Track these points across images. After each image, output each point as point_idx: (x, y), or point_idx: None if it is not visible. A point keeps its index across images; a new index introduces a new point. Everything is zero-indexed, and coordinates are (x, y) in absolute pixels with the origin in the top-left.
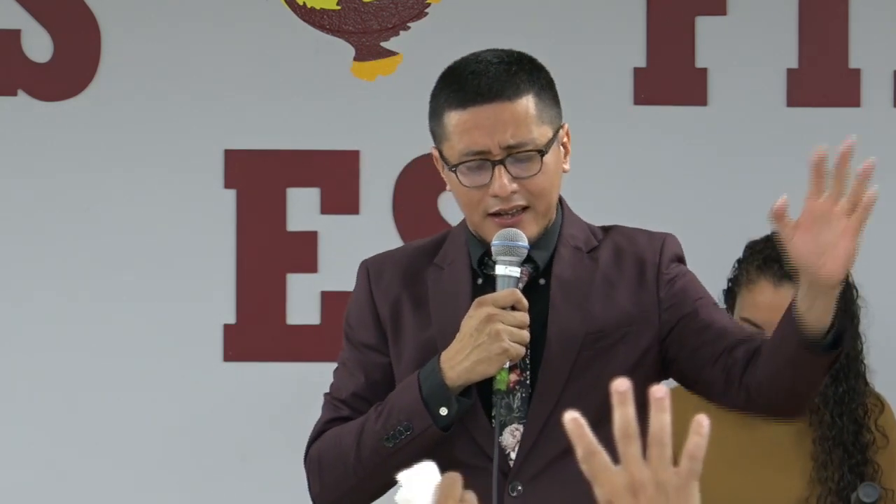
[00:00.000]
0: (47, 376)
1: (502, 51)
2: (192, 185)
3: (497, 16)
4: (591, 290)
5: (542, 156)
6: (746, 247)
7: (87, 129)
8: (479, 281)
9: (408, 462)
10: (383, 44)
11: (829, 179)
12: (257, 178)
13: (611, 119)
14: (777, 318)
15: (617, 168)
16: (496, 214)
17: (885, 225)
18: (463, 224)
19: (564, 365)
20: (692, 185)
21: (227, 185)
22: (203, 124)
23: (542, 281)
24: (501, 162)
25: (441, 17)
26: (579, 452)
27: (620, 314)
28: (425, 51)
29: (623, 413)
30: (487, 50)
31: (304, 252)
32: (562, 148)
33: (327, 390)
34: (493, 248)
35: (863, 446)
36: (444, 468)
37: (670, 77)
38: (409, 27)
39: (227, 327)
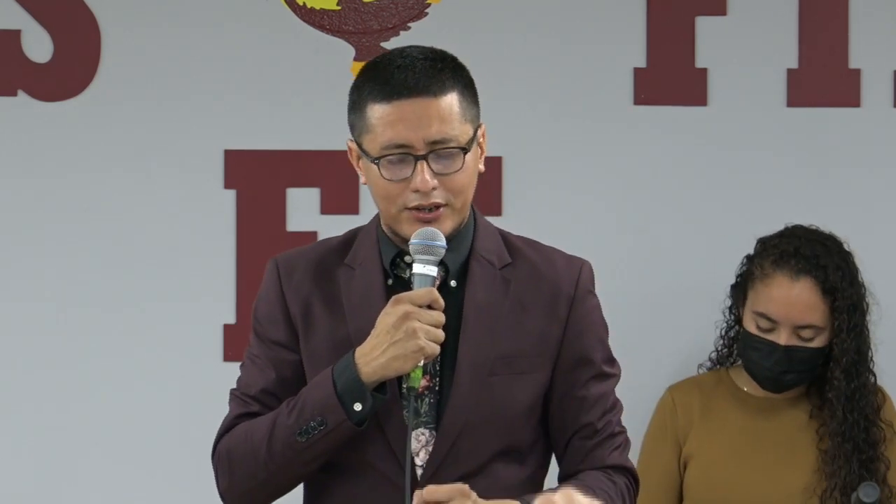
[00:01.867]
0: (47, 376)
1: (425, 48)
2: (192, 185)
3: (497, 16)
4: (501, 314)
5: (465, 153)
6: (759, 241)
7: (87, 129)
8: (390, 281)
9: (320, 457)
10: (383, 44)
11: None
12: (257, 178)
13: (611, 119)
14: (792, 313)
15: (617, 168)
16: (415, 209)
17: (884, 223)
18: (373, 223)
19: (475, 385)
20: (692, 185)
21: (227, 185)
22: (203, 124)
23: (453, 283)
24: (424, 157)
25: (441, 17)
26: None
27: (530, 342)
28: None
29: None
30: (410, 46)
31: None
32: (479, 148)
33: (234, 385)
34: (411, 247)
35: (873, 442)
36: (346, 470)
37: (670, 77)
38: (409, 27)
39: (227, 327)
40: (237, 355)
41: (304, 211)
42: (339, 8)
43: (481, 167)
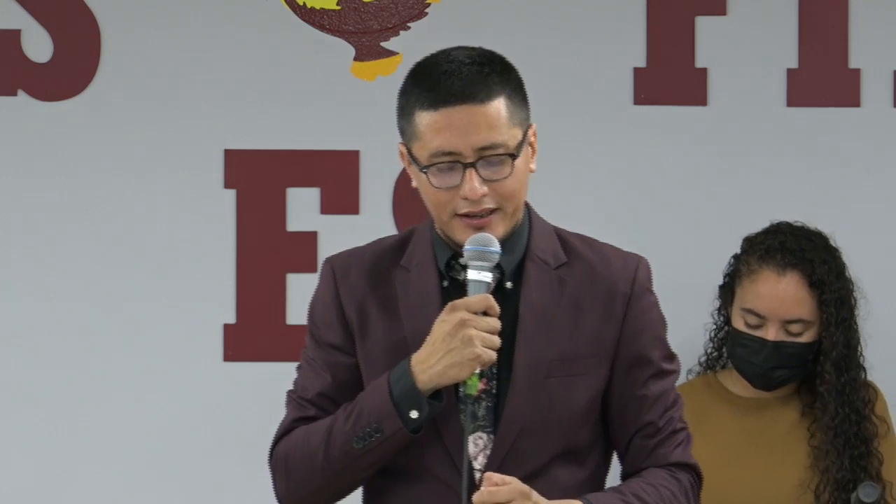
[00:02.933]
0: (47, 376)
1: (473, 50)
2: (192, 185)
3: (497, 16)
4: (558, 315)
5: (514, 159)
6: (745, 240)
7: (87, 129)
8: (446, 283)
9: (376, 463)
10: (383, 44)
11: None
12: (257, 178)
13: (611, 119)
14: (779, 307)
15: (617, 168)
16: (465, 215)
17: (884, 223)
18: (428, 224)
19: (532, 388)
20: (692, 185)
21: (227, 185)
22: (203, 124)
23: (508, 285)
24: (473, 164)
25: (441, 17)
26: None
27: (586, 343)
28: (425, 51)
29: None
30: (458, 48)
31: (304, 252)
32: (529, 148)
33: (290, 387)
34: (465, 253)
35: (865, 438)
36: (405, 474)
37: (670, 77)
38: (409, 27)
39: (227, 327)
40: (237, 355)
41: (304, 211)
42: (339, 8)
43: (533, 167)
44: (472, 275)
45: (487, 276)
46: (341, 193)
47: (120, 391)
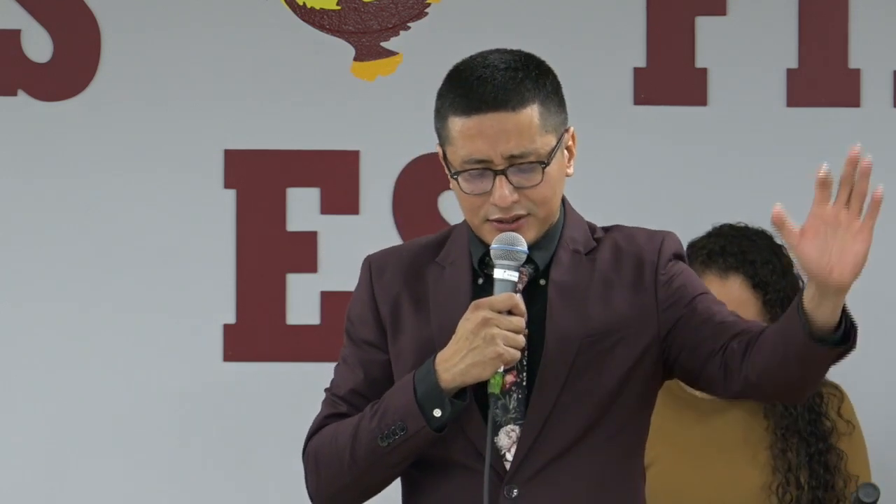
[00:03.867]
0: (47, 376)
1: (510, 53)
2: (192, 185)
3: (497, 16)
4: (588, 293)
5: (544, 167)
6: (688, 246)
7: (87, 129)
8: (480, 281)
9: (402, 462)
10: (383, 44)
11: (835, 188)
12: (257, 178)
13: (611, 119)
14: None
15: (617, 168)
16: (496, 221)
17: (883, 222)
18: (466, 222)
19: (562, 368)
20: (692, 185)
21: (227, 185)
22: (203, 124)
23: (542, 282)
24: (503, 172)
25: (441, 17)
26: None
27: (618, 316)
28: (425, 51)
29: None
30: (495, 51)
31: (304, 252)
32: (566, 152)
33: (328, 385)
34: (491, 252)
35: (823, 434)
36: (441, 468)
37: (670, 77)
38: (409, 27)
39: (227, 327)
40: (237, 355)
41: (304, 211)
42: (339, 8)
43: (570, 171)
44: (497, 273)
45: (513, 275)
46: (341, 193)
47: (120, 391)
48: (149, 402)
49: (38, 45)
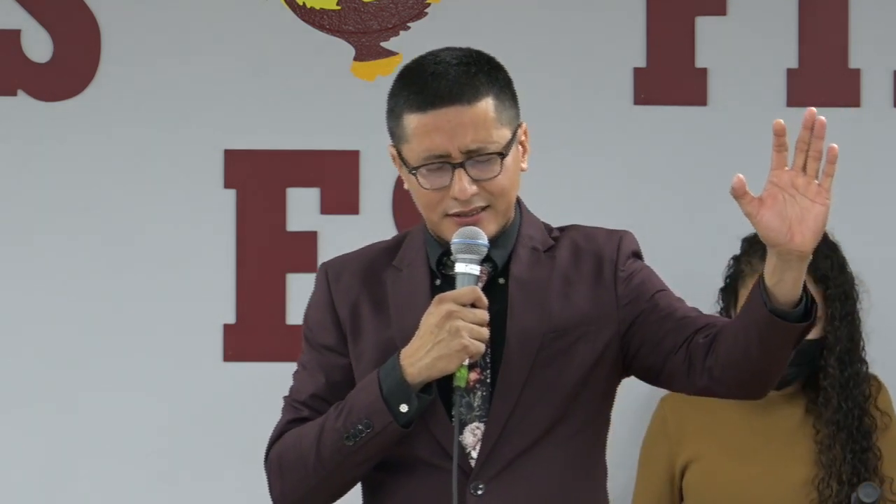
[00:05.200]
0: (47, 376)
1: (460, 50)
2: (192, 185)
3: (497, 16)
4: (549, 289)
5: (502, 158)
6: (743, 241)
7: (87, 129)
8: (438, 282)
9: (369, 460)
10: (383, 44)
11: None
12: (257, 178)
13: (611, 119)
14: None
15: (617, 168)
16: (456, 215)
17: (884, 222)
18: (422, 225)
19: (524, 364)
20: (692, 185)
21: (227, 185)
22: (203, 124)
23: (501, 280)
24: (462, 165)
25: (441, 17)
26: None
27: (579, 313)
28: (425, 51)
29: None
30: (445, 49)
31: (304, 252)
32: (520, 147)
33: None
34: (452, 246)
35: (866, 432)
36: (405, 467)
37: (670, 77)
38: (409, 27)
39: (227, 327)
40: (237, 355)
41: (304, 211)
42: (339, 8)
43: (524, 165)
44: (459, 267)
45: (475, 269)
46: (341, 193)
47: (120, 391)
48: (149, 402)
49: (38, 45)
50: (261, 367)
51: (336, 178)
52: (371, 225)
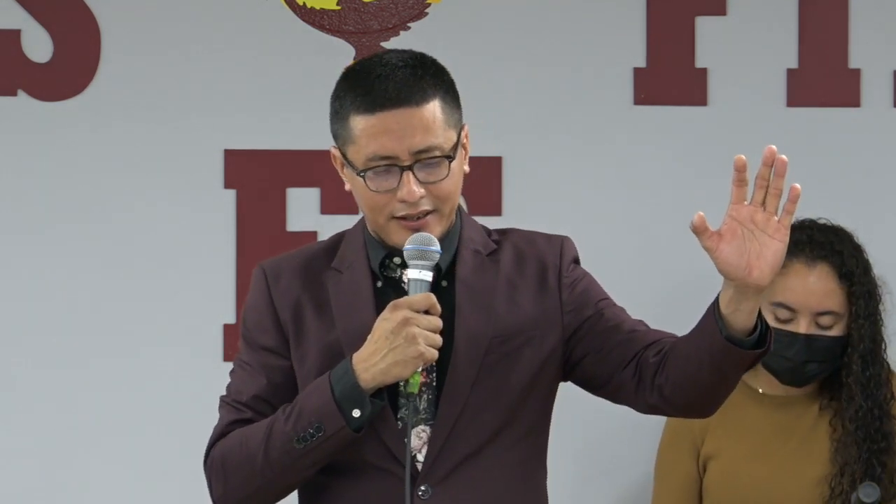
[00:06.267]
0: (47, 376)
1: (405, 52)
2: (192, 185)
3: (497, 16)
4: (494, 293)
5: (450, 161)
6: None
7: (87, 129)
8: (380, 283)
9: (317, 463)
10: (383, 44)
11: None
12: (257, 178)
13: (611, 119)
14: (810, 299)
15: (617, 168)
16: (402, 218)
17: (884, 222)
18: (359, 226)
19: (471, 368)
20: (692, 185)
21: (227, 185)
22: (203, 124)
23: (444, 283)
24: (410, 168)
25: (441, 17)
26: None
27: (524, 317)
28: (425, 51)
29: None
30: (389, 51)
31: None
32: (463, 150)
33: (223, 393)
34: (405, 253)
35: (886, 434)
36: (350, 470)
37: (670, 77)
38: (409, 27)
39: (227, 327)
40: None
41: (304, 211)
42: (339, 8)
43: (466, 168)
44: (412, 274)
45: (428, 276)
46: (341, 193)
47: (120, 391)
48: (149, 402)
49: (38, 45)
50: None
51: (336, 178)
52: None
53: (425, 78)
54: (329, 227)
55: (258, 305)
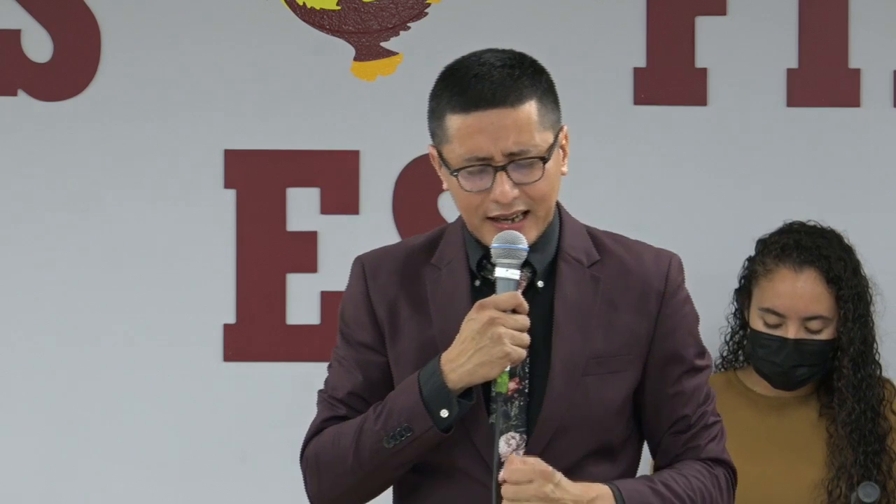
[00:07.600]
0: (47, 376)
1: (504, 52)
2: (192, 185)
3: (497, 16)
4: (592, 313)
5: (545, 162)
6: (758, 242)
7: (87, 129)
8: (477, 283)
9: (407, 463)
10: (383, 44)
11: None
12: (257, 178)
13: (611, 119)
14: (798, 304)
15: (617, 168)
16: (496, 219)
17: (884, 222)
18: (459, 223)
19: (569, 387)
20: (692, 184)
21: (227, 185)
22: (203, 124)
23: (540, 284)
24: (504, 168)
25: (441, 17)
26: None
27: (622, 340)
28: (425, 51)
29: None
30: (488, 50)
31: (304, 252)
32: (560, 151)
33: (321, 387)
34: (492, 251)
35: (880, 436)
36: (441, 471)
37: (670, 77)
38: (409, 27)
39: (227, 327)
40: (237, 355)
41: (304, 211)
42: (339, 8)
43: (565, 169)
44: (499, 272)
45: (515, 274)
46: (341, 193)
47: (120, 391)
48: (149, 402)
49: (38, 45)
50: (261, 367)
51: (336, 178)
52: (371, 225)
53: (522, 78)
54: (329, 227)
55: (356, 300)
